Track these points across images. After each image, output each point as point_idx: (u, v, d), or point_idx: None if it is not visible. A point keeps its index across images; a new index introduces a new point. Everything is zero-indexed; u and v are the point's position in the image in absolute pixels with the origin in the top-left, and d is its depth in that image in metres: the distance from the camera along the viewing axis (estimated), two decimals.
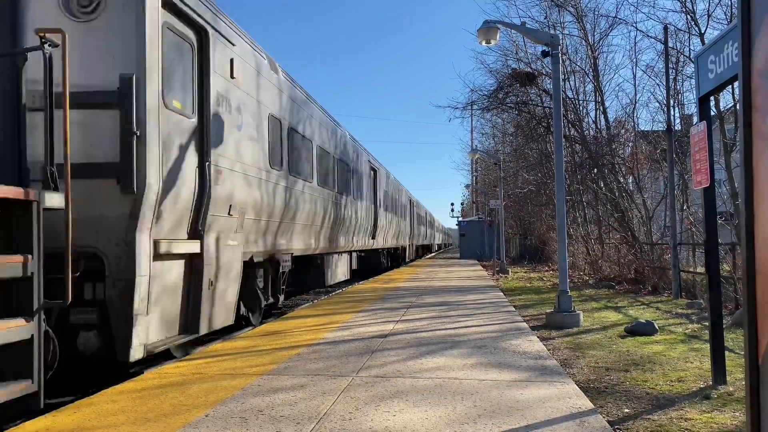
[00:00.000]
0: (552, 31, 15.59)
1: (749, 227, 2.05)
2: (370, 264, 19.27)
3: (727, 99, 13.94)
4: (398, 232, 24.24)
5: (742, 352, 2.26)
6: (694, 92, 5.18)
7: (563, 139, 11.35)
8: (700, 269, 12.31)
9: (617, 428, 3.71)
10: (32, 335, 3.76)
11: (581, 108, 20.49)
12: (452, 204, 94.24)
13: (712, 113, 11.74)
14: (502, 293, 12.15)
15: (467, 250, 38.65)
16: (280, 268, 8.90)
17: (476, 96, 20.31)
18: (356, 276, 17.27)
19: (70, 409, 3.86)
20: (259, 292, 8.01)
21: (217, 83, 6.44)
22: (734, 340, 6.59)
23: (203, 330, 6.09)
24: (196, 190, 5.96)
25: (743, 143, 2.07)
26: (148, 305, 5.12)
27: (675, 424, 3.76)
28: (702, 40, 13.33)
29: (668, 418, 3.89)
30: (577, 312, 8.24)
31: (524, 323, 7.69)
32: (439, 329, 7.20)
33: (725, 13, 13.23)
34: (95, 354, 4.90)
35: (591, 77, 19.51)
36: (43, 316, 3.88)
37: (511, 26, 11.02)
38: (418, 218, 35.52)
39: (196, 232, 5.99)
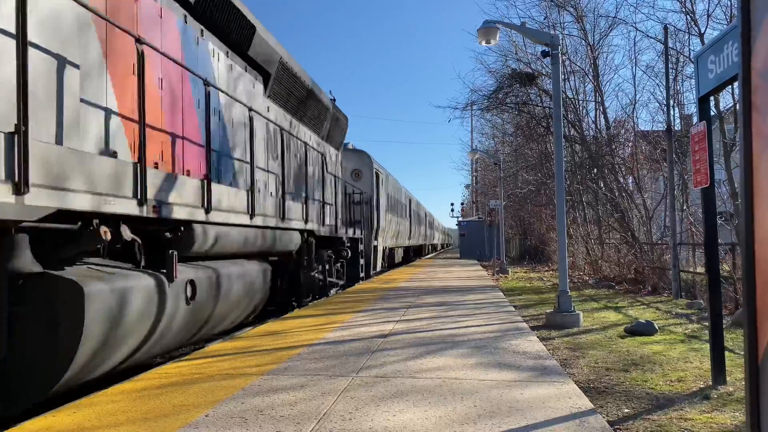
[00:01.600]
0: (552, 32, 15.60)
1: (749, 227, 2.05)
2: (405, 255, 31.68)
3: (727, 99, 13.94)
4: (420, 235, 38.80)
5: (742, 352, 2.26)
6: (694, 92, 5.18)
7: (563, 139, 11.36)
8: (700, 269, 12.31)
9: (617, 428, 3.71)
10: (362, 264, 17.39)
11: (581, 108, 20.50)
12: (452, 204, 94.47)
13: (712, 113, 11.74)
14: (501, 293, 12.15)
15: (467, 250, 38.64)
16: (386, 252, 22.56)
17: (476, 96, 20.36)
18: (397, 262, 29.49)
19: (70, 409, 3.86)
20: (381, 260, 21.12)
21: (381, 189, 20.54)
22: (734, 340, 6.59)
23: (377, 269, 19.94)
24: (379, 223, 19.85)
25: (743, 143, 2.07)
26: (371, 261, 18.78)
27: (675, 424, 3.76)
28: (702, 40, 13.33)
29: (668, 418, 3.89)
30: (577, 312, 8.24)
31: (524, 323, 7.70)
32: (439, 329, 7.21)
33: (725, 13, 13.24)
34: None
35: (591, 77, 19.52)
36: (362, 261, 16.86)
37: (511, 26, 11.02)
38: (429, 224, 49.66)
39: (376, 237, 19.48)
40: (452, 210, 70.34)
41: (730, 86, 7.89)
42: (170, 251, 5.39)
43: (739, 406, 4.08)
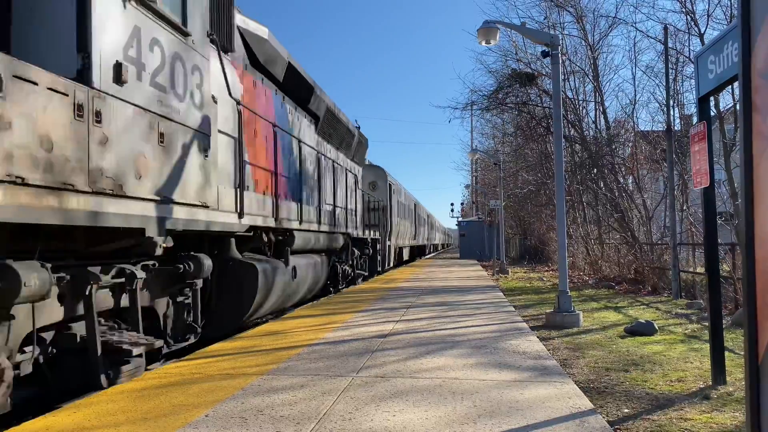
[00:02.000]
0: (552, 32, 15.58)
1: (749, 227, 2.05)
2: (410, 254, 33.99)
3: (727, 99, 13.96)
4: (422, 236, 41.25)
5: (742, 352, 2.26)
6: (694, 92, 5.18)
7: (563, 139, 11.36)
8: (700, 269, 12.31)
9: (617, 428, 3.72)
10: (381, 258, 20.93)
11: (581, 108, 20.50)
12: (452, 204, 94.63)
13: (712, 113, 11.75)
14: (501, 293, 12.15)
15: (467, 250, 38.68)
16: (396, 251, 25.28)
17: (476, 96, 20.32)
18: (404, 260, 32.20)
19: (69, 409, 3.86)
20: (393, 257, 23.96)
21: (393, 198, 23.77)
22: (734, 340, 6.60)
23: (390, 265, 23.04)
24: (391, 226, 22.97)
25: (743, 143, 2.07)
26: (386, 257, 21.61)
27: (675, 425, 3.76)
28: (702, 41, 13.35)
29: (668, 418, 3.89)
30: (577, 312, 8.24)
31: (524, 323, 7.69)
32: (439, 329, 7.21)
33: (725, 13, 13.27)
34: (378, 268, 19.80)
35: (591, 77, 19.53)
36: (379, 257, 19.91)
37: (511, 26, 11.02)
38: (431, 225, 52.82)
39: (389, 238, 22.37)
40: (452, 210, 70.40)
41: (730, 86, 7.90)
42: (286, 248, 8.84)
43: (739, 406, 4.09)
